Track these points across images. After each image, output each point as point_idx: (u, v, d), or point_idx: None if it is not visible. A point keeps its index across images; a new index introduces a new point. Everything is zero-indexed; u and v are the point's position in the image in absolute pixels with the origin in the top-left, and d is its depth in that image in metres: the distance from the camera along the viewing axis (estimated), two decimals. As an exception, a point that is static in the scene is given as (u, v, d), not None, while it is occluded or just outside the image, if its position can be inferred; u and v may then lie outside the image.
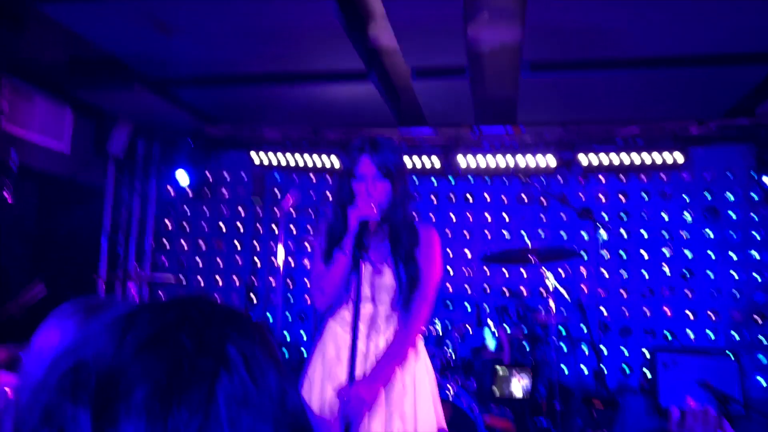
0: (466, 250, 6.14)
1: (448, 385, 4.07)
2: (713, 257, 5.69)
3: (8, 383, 2.97)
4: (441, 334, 4.67)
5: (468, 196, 6.21)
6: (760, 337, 5.48)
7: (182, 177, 6.14)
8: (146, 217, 6.52)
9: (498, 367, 4.19)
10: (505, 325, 5.00)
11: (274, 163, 6.19)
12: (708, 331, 5.63)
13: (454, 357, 4.53)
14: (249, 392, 0.57)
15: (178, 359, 0.56)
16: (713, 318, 5.63)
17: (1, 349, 3.68)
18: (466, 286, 6.10)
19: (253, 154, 6.17)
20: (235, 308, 0.66)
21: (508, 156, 5.78)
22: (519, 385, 4.22)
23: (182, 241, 6.60)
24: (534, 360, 4.91)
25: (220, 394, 0.55)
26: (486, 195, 6.19)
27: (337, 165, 5.94)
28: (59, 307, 1.09)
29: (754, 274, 5.58)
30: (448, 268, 6.14)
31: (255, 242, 6.49)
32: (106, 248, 6.17)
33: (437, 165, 5.98)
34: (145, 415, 0.52)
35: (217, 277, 6.52)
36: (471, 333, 4.90)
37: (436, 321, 4.63)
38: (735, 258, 5.64)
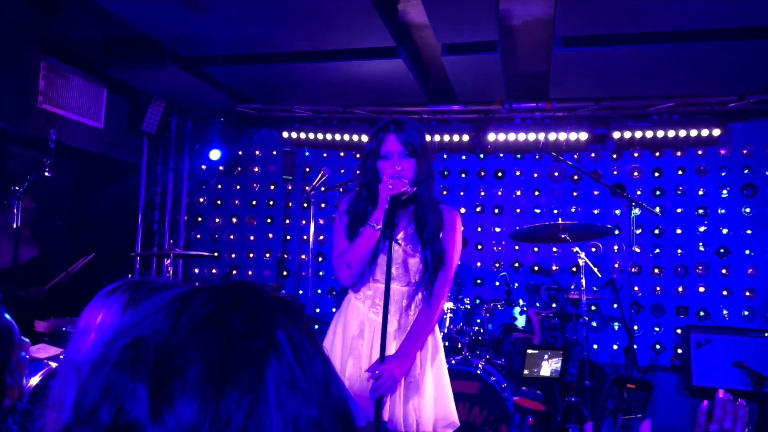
0: (497, 229, 6.12)
1: (477, 360, 4.10)
2: (751, 234, 5.57)
3: (52, 356, 3.10)
4: (470, 310, 4.69)
5: (498, 172, 6.17)
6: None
7: (214, 154, 6.23)
8: (180, 193, 6.64)
9: (529, 350, 4.20)
10: (537, 304, 5.00)
11: (305, 140, 6.23)
12: (744, 310, 5.53)
13: (482, 331, 4.55)
14: (296, 376, 0.59)
15: (231, 341, 0.58)
16: (749, 297, 5.53)
17: (44, 323, 3.82)
18: (496, 263, 6.09)
19: (284, 131, 6.24)
20: (284, 297, 0.68)
21: (540, 132, 5.71)
22: (549, 367, 4.23)
23: (215, 217, 6.71)
24: (565, 341, 4.89)
25: (270, 376, 0.58)
26: (517, 171, 6.14)
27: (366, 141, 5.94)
28: (96, 286, 1.13)
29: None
30: (479, 245, 6.13)
31: (286, 218, 6.57)
32: (141, 223, 6.31)
33: (467, 142, 5.94)
34: (199, 395, 0.55)
35: (250, 251, 6.62)
36: (501, 309, 4.91)
37: (466, 300, 4.65)
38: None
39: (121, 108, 5.90)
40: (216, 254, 6.56)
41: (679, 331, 5.61)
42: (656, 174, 5.85)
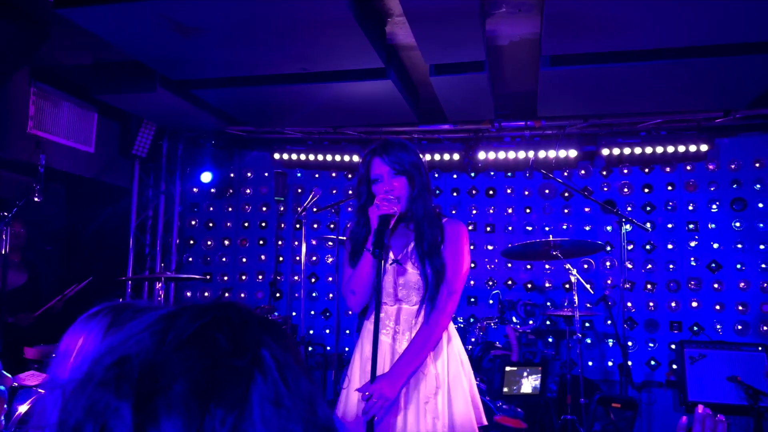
0: (489, 247, 6.13)
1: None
2: (741, 248, 5.59)
3: (39, 383, 3.06)
4: (464, 329, 4.67)
5: (490, 190, 6.20)
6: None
7: (206, 176, 6.23)
8: (171, 216, 6.62)
9: (507, 367, 4.17)
10: (514, 320, 4.98)
11: (296, 161, 6.26)
12: (737, 324, 5.54)
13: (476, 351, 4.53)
14: (281, 394, 0.59)
15: (215, 359, 0.58)
16: (742, 311, 5.53)
17: (33, 350, 3.78)
18: (489, 281, 6.09)
19: (275, 153, 6.26)
20: (270, 317, 0.68)
21: (530, 150, 5.75)
22: (530, 384, 4.20)
23: (207, 239, 6.69)
24: (543, 356, 4.87)
25: (254, 394, 0.58)
26: (508, 189, 6.16)
27: (357, 162, 5.97)
28: (87, 311, 1.12)
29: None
30: (472, 264, 6.12)
31: (278, 239, 6.56)
32: (132, 247, 6.28)
33: (458, 161, 5.97)
34: (183, 412, 0.55)
35: (242, 274, 6.60)
36: (494, 327, 4.89)
37: (459, 319, 4.63)
38: (764, 249, 5.54)
39: (111, 132, 5.90)
40: (208, 277, 6.53)
41: (673, 346, 5.60)
42: (646, 190, 5.88)
